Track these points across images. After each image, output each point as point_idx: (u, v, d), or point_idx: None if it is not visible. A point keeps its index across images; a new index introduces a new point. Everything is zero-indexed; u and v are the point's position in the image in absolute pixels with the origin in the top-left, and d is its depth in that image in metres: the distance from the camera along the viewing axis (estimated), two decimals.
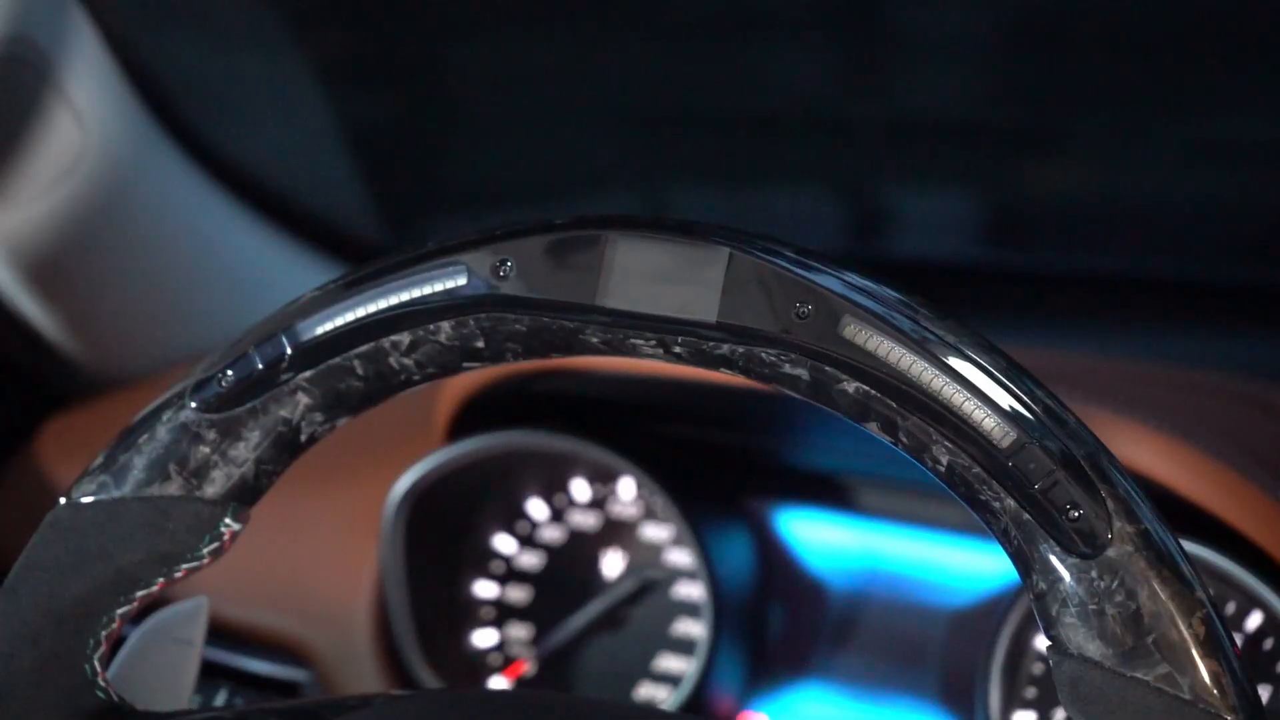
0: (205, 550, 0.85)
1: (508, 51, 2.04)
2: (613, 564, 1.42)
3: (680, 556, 1.40)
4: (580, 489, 1.43)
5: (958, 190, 1.88)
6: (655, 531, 1.41)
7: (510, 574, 1.45)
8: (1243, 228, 1.74)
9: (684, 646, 1.39)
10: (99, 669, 0.85)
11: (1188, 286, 1.69)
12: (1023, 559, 0.75)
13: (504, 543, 1.45)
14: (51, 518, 0.85)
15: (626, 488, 1.42)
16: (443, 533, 1.43)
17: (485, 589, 1.45)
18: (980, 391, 0.75)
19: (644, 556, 1.41)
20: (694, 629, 1.39)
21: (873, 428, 0.77)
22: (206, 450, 0.84)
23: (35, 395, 1.63)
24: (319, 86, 1.93)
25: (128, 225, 1.59)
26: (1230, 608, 1.24)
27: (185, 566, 0.85)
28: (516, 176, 2.05)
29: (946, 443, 0.76)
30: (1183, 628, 0.73)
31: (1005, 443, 0.75)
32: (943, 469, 0.76)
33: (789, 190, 1.96)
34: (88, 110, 1.53)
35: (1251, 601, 1.22)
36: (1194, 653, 0.73)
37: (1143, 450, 1.20)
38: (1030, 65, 1.82)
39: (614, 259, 0.80)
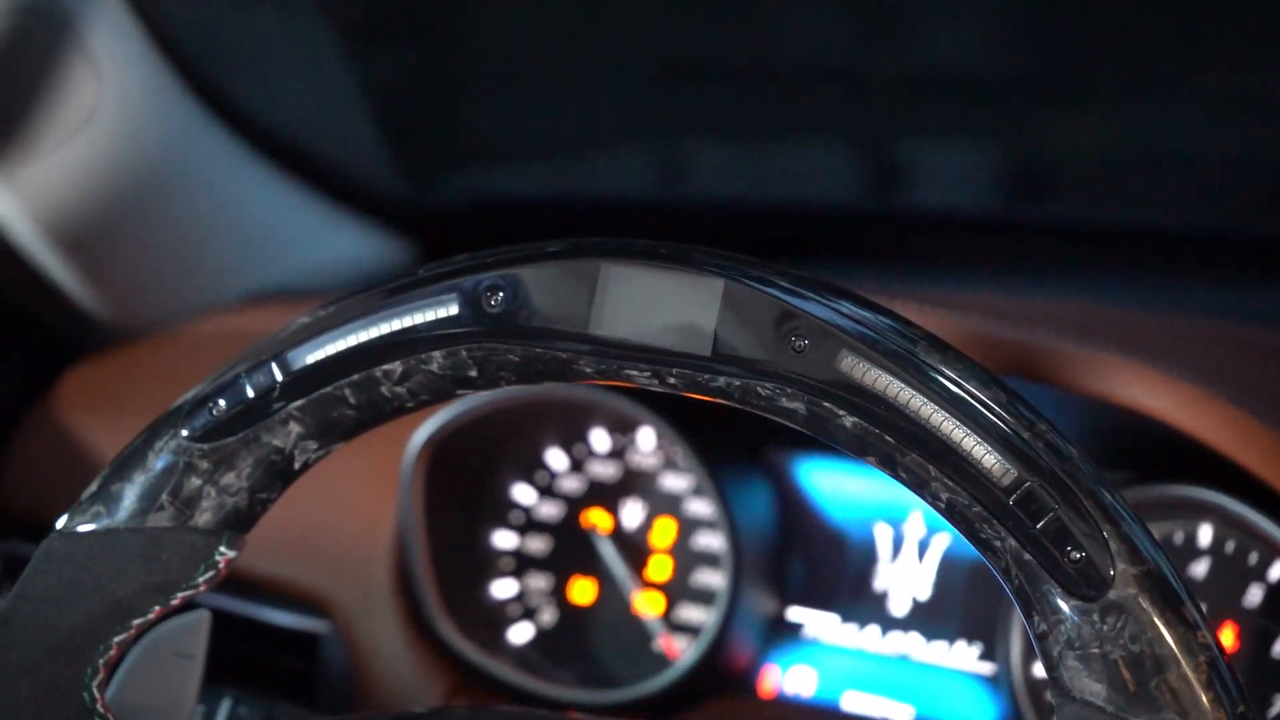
0: (200, 579, 0.85)
1: (524, 7, 2.03)
2: (632, 514, 1.42)
3: (700, 506, 1.40)
4: (600, 439, 1.43)
5: (978, 143, 1.88)
6: (675, 481, 1.41)
7: (529, 524, 1.44)
8: (1262, 180, 1.73)
9: (704, 597, 1.39)
10: (97, 695, 0.84)
11: (1209, 238, 1.68)
12: (1024, 598, 0.75)
13: (523, 493, 1.44)
14: (45, 547, 0.85)
15: (646, 438, 1.41)
16: (462, 483, 1.43)
17: (504, 539, 1.44)
18: (980, 428, 0.74)
19: (662, 506, 1.41)
20: (714, 579, 1.39)
21: (871, 461, 0.77)
22: (199, 481, 0.84)
23: (54, 347, 1.63)
24: (338, 40, 1.92)
25: (145, 177, 1.58)
26: (1253, 558, 1.23)
27: (181, 595, 0.85)
28: (533, 131, 2.04)
29: (946, 480, 0.75)
30: (1187, 672, 0.72)
31: (1005, 481, 0.74)
32: (942, 505, 0.76)
33: (807, 144, 1.95)
34: (105, 61, 1.52)
35: (1273, 551, 1.22)
36: (1199, 698, 0.72)
37: (1166, 399, 1.19)
38: (1051, 16, 1.81)
39: (607, 287, 0.79)
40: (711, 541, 1.39)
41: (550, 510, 1.44)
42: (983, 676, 1.33)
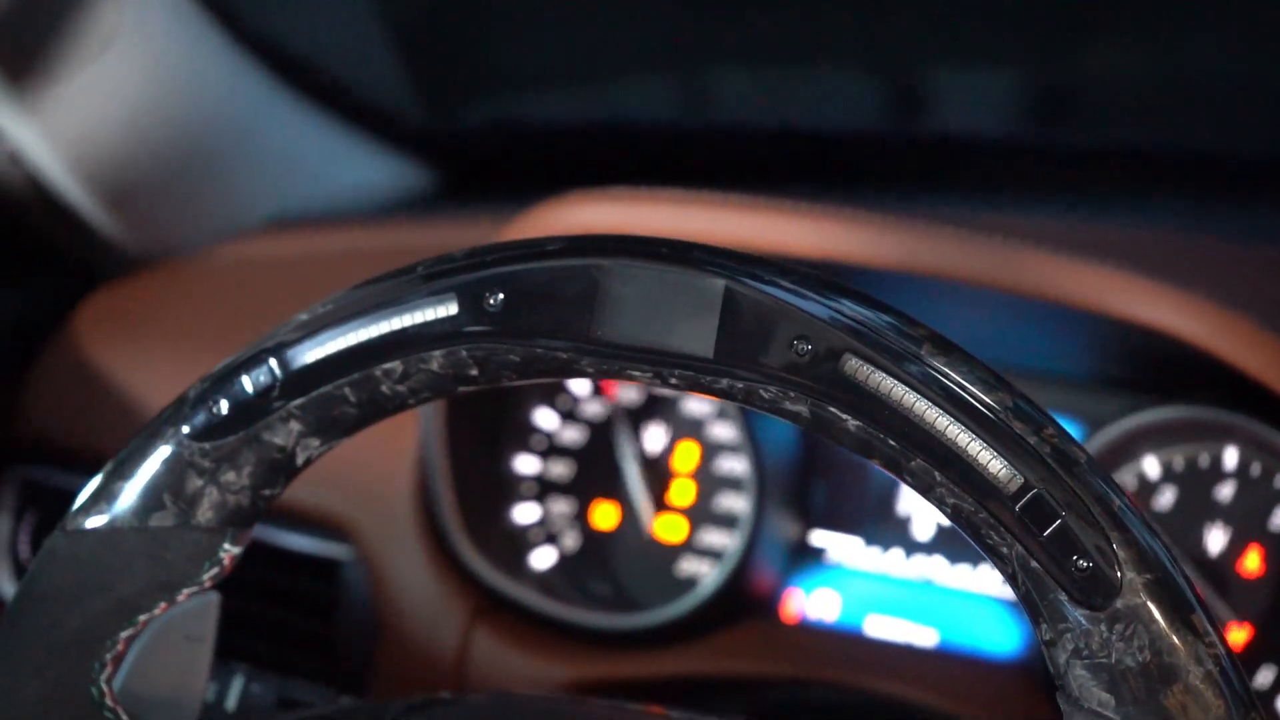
0: (205, 577, 0.85)
1: None
2: (655, 438, 1.41)
3: (723, 430, 1.39)
4: None
5: (1003, 67, 1.86)
6: (698, 405, 1.41)
7: (552, 449, 1.44)
8: None
9: (727, 521, 1.39)
10: (106, 690, 0.84)
11: (1233, 161, 1.67)
12: (1031, 605, 0.73)
13: (545, 418, 1.44)
14: (49, 546, 0.84)
15: None
16: (484, 408, 1.42)
17: (526, 464, 1.44)
18: (986, 434, 0.73)
19: (685, 431, 1.41)
20: (737, 503, 1.39)
21: (877, 463, 0.75)
22: (200, 480, 0.83)
23: (76, 274, 1.63)
24: None
25: (165, 103, 1.58)
26: (1279, 480, 1.23)
27: (186, 591, 0.85)
28: (554, 57, 2.03)
29: (951, 485, 0.73)
30: (1196, 682, 0.71)
31: (1012, 488, 0.72)
32: (948, 510, 0.74)
33: (830, 69, 1.94)
34: None
35: None
36: (1208, 711, 0.71)
37: (1193, 320, 1.18)
38: None
39: (608, 288, 0.78)
40: (734, 465, 1.39)
41: (572, 435, 1.44)
42: (1006, 600, 1.33)
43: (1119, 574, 0.71)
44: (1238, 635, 1.24)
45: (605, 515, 1.42)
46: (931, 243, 1.24)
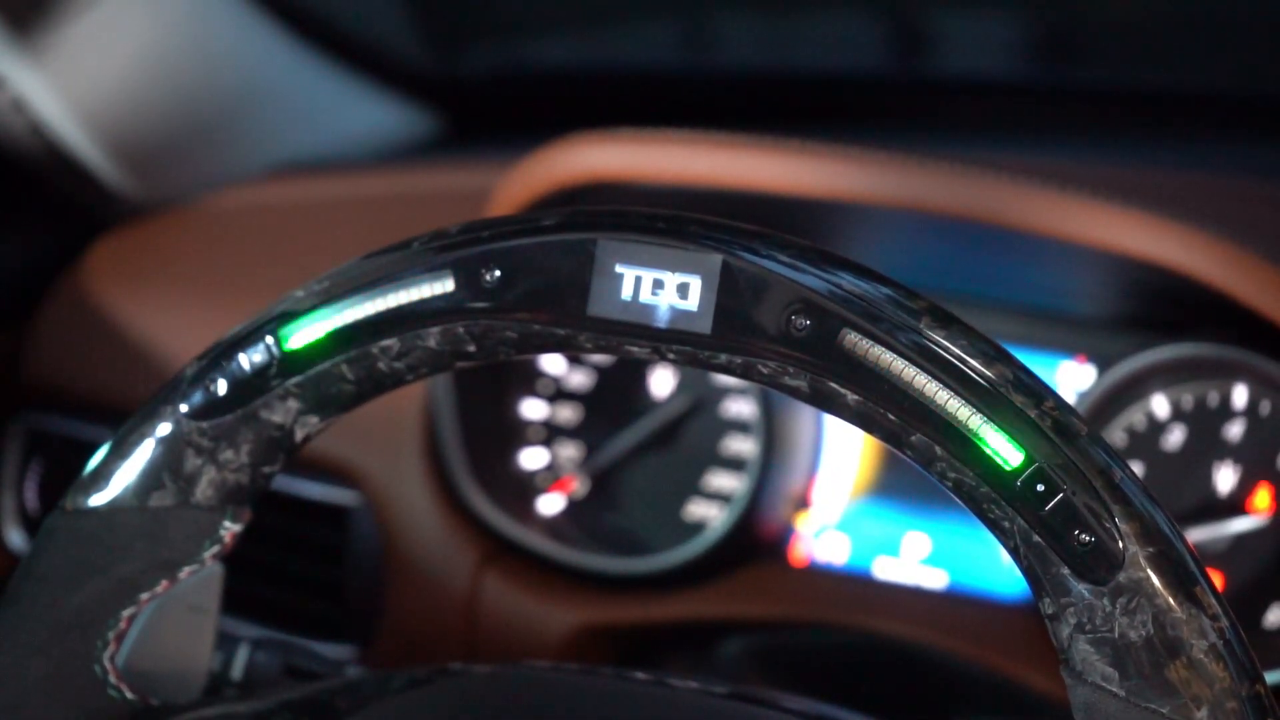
0: (206, 555, 0.85)
1: None
2: (662, 383, 1.41)
3: None
4: None
5: (1006, 7, 1.86)
6: None
7: (559, 394, 1.44)
8: None
9: (735, 464, 1.39)
10: (109, 668, 0.84)
11: (1239, 98, 1.66)
12: (1035, 579, 0.73)
13: (553, 362, 1.44)
14: (48, 526, 0.84)
15: None
16: None
17: (534, 409, 1.44)
18: (986, 407, 0.72)
19: (693, 375, 1.40)
20: (745, 446, 1.38)
21: (878, 437, 0.75)
22: (199, 459, 0.83)
23: (80, 221, 1.62)
24: None
25: (167, 49, 1.57)
26: None
27: (187, 569, 0.85)
28: (559, 1, 2.03)
29: (953, 459, 0.73)
30: (1200, 657, 0.70)
31: (1013, 462, 0.72)
32: (949, 484, 0.74)
33: (833, 11, 1.93)
34: None
35: None
36: (1212, 684, 0.70)
37: (1202, 256, 1.18)
38: None
39: (604, 264, 0.77)
40: (743, 409, 1.38)
41: (580, 379, 1.43)
42: None
43: (1122, 547, 0.71)
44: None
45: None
46: (940, 181, 1.24)
